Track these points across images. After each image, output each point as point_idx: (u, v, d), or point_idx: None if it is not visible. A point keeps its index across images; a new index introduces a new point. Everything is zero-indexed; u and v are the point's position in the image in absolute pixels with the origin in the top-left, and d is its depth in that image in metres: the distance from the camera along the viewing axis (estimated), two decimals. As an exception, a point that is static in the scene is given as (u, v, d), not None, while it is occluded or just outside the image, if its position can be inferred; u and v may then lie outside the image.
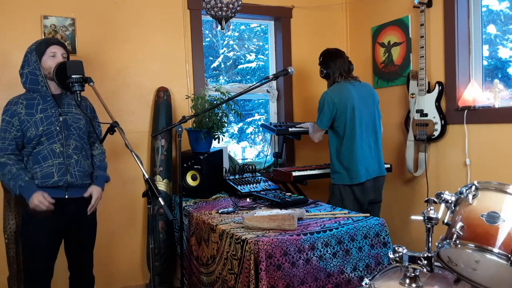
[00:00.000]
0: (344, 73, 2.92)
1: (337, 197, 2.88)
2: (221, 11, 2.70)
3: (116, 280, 3.16)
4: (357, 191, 2.84)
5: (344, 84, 2.89)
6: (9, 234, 2.54)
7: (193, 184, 2.96)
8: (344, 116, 2.81)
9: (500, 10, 3.03)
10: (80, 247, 2.37)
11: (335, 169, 2.90)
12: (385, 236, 2.22)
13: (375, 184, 2.90)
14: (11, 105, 2.19)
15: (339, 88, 2.88)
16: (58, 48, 2.25)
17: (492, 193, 1.44)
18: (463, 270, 1.49)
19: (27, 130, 2.16)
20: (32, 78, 2.20)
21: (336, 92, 2.85)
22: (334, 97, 2.82)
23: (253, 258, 1.88)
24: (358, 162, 2.80)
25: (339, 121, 2.83)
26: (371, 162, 2.87)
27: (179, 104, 3.35)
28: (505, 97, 2.88)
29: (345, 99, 2.81)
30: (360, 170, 2.80)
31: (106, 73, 3.11)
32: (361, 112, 2.85)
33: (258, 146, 4.65)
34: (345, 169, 2.84)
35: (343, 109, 2.80)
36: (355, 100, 2.83)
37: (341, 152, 2.85)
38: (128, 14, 3.17)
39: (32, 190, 2.11)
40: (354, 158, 2.80)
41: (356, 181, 2.81)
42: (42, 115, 2.19)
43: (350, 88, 2.87)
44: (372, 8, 3.74)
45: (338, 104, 2.80)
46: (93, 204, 2.30)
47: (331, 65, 2.94)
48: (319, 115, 2.89)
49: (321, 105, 2.86)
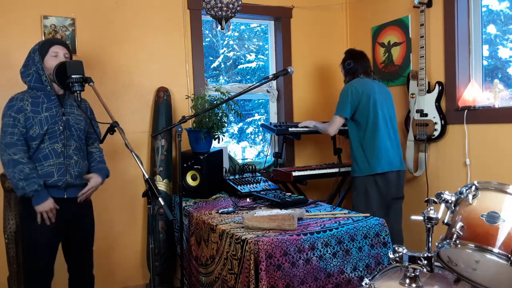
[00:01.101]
0: (367, 72, 3.04)
1: (361, 191, 2.90)
2: (221, 11, 2.70)
3: (116, 280, 3.16)
4: (380, 182, 2.86)
5: (367, 79, 3.00)
6: (9, 234, 2.54)
7: (193, 184, 2.96)
8: (367, 107, 2.88)
9: (500, 10, 3.03)
10: (79, 247, 2.37)
11: (357, 160, 2.94)
12: (385, 236, 2.22)
13: (398, 178, 2.94)
14: (17, 101, 2.16)
15: (363, 81, 2.98)
16: (60, 48, 2.25)
17: (492, 193, 1.44)
18: (463, 270, 1.49)
19: (30, 128, 2.14)
20: (37, 77, 2.20)
21: (360, 84, 2.95)
22: (358, 88, 2.91)
23: (253, 258, 1.88)
24: (381, 153, 2.86)
25: (362, 111, 2.89)
26: (393, 155, 2.92)
27: (179, 104, 3.35)
28: (505, 97, 2.88)
29: (368, 91, 2.90)
30: (383, 160, 2.85)
31: (106, 73, 3.11)
32: (383, 106, 2.93)
33: (258, 146, 4.65)
34: (368, 159, 2.88)
35: (366, 100, 2.88)
36: (377, 94, 2.92)
37: (365, 143, 2.90)
38: (128, 14, 3.17)
39: (45, 197, 2.12)
40: (377, 148, 2.86)
41: (379, 170, 2.84)
42: (47, 114, 2.18)
43: (372, 83, 2.98)
44: (372, 8, 3.74)
45: (362, 95, 2.88)
46: (86, 191, 2.27)
47: (358, 61, 3.04)
48: (342, 105, 2.94)
49: (345, 94, 2.93)
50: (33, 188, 2.09)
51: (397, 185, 2.94)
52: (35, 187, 2.09)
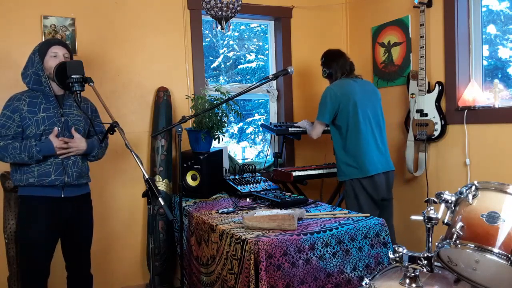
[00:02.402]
0: (346, 72, 2.96)
1: (351, 195, 2.86)
2: (221, 11, 2.70)
3: (116, 280, 3.16)
4: (368, 185, 2.81)
5: (347, 80, 2.93)
6: (9, 234, 2.54)
7: (193, 184, 2.96)
8: (346, 110, 2.82)
9: (500, 10, 3.03)
10: (77, 246, 2.37)
11: (341, 165, 2.90)
12: (385, 236, 2.22)
13: (386, 179, 2.89)
14: (14, 100, 2.19)
15: (342, 83, 2.91)
16: (59, 49, 2.25)
17: (492, 193, 1.44)
18: (463, 270, 1.49)
19: (27, 128, 2.16)
20: (36, 78, 2.21)
21: (339, 87, 2.88)
22: (336, 91, 2.85)
23: (253, 258, 1.88)
24: (364, 156, 2.80)
25: (342, 115, 2.84)
26: (378, 156, 2.86)
27: (179, 104, 3.35)
28: (505, 97, 2.88)
29: (347, 93, 2.84)
30: (367, 163, 2.80)
31: (106, 73, 3.11)
32: (364, 107, 2.86)
33: (258, 146, 4.65)
34: (351, 163, 2.84)
35: (345, 103, 2.82)
36: (357, 95, 2.85)
37: (347, 147, 2.85)
38: (128, 14, 3.17)
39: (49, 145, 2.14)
40: (360, 151, 2.81)
41: (364, 174, 2.80)
42: (44, 114, 2.19)
43: (353, 84, 2.91)
44: (372, 8, 3.74)
45: (341, 98, 2.83)
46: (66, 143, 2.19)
47: (333, 65, 2.98)
48: (321, 110, 2.90)
49: (324, 99, 2.89)
50: (34, 151, 2.11)
51: (386, 186, 2.90)
52: (36, 148, 2.11)
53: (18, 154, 2.11)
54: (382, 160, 2.88)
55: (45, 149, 2.13)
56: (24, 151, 2.10)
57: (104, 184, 3.08)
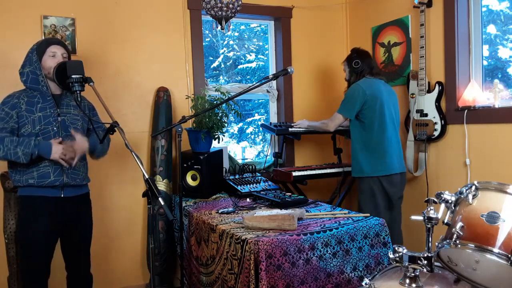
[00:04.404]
0: (372, 72, 3.01)
1: (367, 193, 2.89)
2: (221, 11, 2.70)
3: (116, 280, 3.16)
4: (386, 184, 2.85)
5: (373, 79, 2.97)
6: (9, 234, 2.54)
7: (193, 184, 2.96)
8: (373, 108, 2.86)
9: (500, 10, 3.03)
10: (76, 246, 2.37)
11: (360, 161, 2.91)
12: (385, 236, 2.22)
13: (401, 180, 2.95)
14: (12, 98, 2.19)
15: (370, 82, 2.95)
16: (58, 48, 2.25)
17: (492, 193, 1.44)
18: (463, 270, 1.49)
19: (22, 126, 2.15)
20: (33, 77, 2.20)
21: (368, 85, 2.92)
22: (365, 89, 2.88)
23: (253, 258, 1.88)
24: (388, 155, 2.86)
25: (368, 112, 2.87)
26: (398, 157, 2.93)
27: (179, 104, 3.35)
28: (505, 97, 2.88)
29: (375, 92, 2.88)
30: (389, 162, 2.86)
31: (106, 73, 3.11)
32: (389, 107, 2.93)
33: (258, 146, 4.65)
34: (373, 161, 2.86)
35: (373, 101, 2.86)
36: (384, 95, 2.91)
37: (370, 144, 2.88)
38: (128, 14, 3.17)
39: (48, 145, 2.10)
40: (384, 151, 2.86)
41: (385, 173, 2.84)
42: (41, 114, 2.19)
43: (379, 83, 2.96)
44: (372, 8, 3.74)
45: (369, 96, 2.86)
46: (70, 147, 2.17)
47: (365, 61, 3.01)
48: (347, 104, 2.93)
49: (351, 94, 2.92)
50: (32, 144, 2.08)
51: (400, 186, 2.96)
52: (32, 143, 2.08)
53: (14, 147, 2.06)
54: (400, 160, 2.96)
55: (43, 148, 2.10)
56: (21, 144, 2.07)
57: (104, 184, 3.08)
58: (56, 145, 2.13)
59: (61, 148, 2.13)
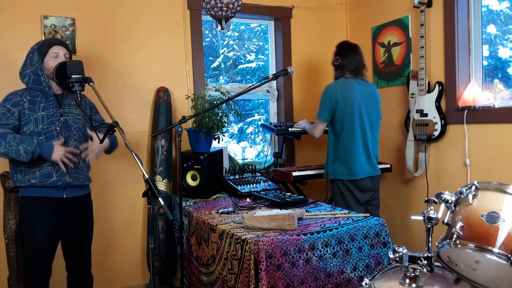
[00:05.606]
0: (356, 69, 2.91)
1: (337, 193, 2.91)
2: (221, 11, 2.70)
3: (116, 280, 3.16)
4: (352, 188, 2.86)
5: (350, 80, 2.90)
6: (9, 234, 2.54)
7: (193, 184, 2.96)
8: (343, 112, 2.83)
9: (500, 10, 3.03)
10: (77, 246, 2.37)
11: (328, 163, 2.94)
12: (385, 236, 2.22)
13: (372, 184, 2.93)
14: (15, 95, 2.18)
15: (344, 83, 2.89)
16: (60, 49, 2.25)
17: (492, 193, 1.44)
18: (463, 270, 1.49)
19: (25, 124, 2.15)
20: (35, 78, 2.20)
21: (341, 87, 2.87)
22: (337, 91, 2.85)
23: (253, 258, 1.88)
24: (353, 159, 2.84)
25: (338, 116, 2.85)
26: (366, 161, 2.89)
27: (179, 104, 3.35)
28: (505, 97, 2.88)
29: (347, 96, 2.83)
30: (355, 167, 2.83)
31: (106, 73, 3.11)
32: (361, 111, 2.87)
33: (258, 146, 4.64)
34: (341, 164, 2.87)
35: (344, 105, 2.83)
36: (356, 99, 2.85)
37: (338, 148, 2.88)
38: (128, 14, 3.17)
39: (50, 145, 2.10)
40: (350, 155, 2.84)
41: (350, 177, 2.84)
42: (44, 113, 2.18)
43: (355, 86, 2.88)
44: (372, 8, 3.74)
45: (340, 99, 2.83)
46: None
47: (347, 57, 2.93)
48: (321, 108, 2.91)
49: (323, 97, 2.90)
50: (35, 143, 2.08)
51: (371, 189, 2.93)
52: (35, 142, 2.08)
53: (16, 144, 2.05)
54: (369, 164, 2.91)
55: (45, 148, 2.10)
56: (24, 142, 2.06)
57: (104, 184, 3.08)
58: (58, 147, 2.13)
59: (63, 150, 2.13)
